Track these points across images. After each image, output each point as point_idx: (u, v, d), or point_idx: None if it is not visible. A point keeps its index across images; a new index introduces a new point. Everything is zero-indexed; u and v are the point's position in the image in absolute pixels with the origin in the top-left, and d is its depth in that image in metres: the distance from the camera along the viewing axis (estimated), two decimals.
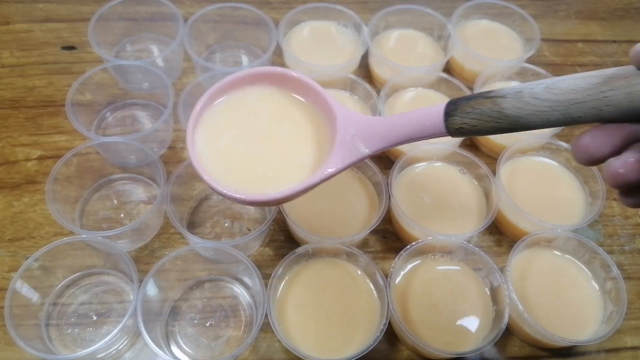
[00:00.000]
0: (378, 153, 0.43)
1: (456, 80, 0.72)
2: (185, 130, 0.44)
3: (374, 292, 0.57)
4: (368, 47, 0.75)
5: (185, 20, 0.74)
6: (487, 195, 0.65)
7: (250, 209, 0.66)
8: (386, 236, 0.65)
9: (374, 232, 0.64)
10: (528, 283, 0.59)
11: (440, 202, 0.65)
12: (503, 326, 0.52)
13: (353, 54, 0.78)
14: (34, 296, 0.55)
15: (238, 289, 0.59)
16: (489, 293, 0.58)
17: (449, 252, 0.60)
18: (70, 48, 0.79)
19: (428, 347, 0.51)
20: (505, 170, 0.67)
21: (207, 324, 0.57)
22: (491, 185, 0.63)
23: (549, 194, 0.67)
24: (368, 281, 0.58)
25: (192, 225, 0.64)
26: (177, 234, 0.63)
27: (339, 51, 0.78)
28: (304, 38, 0.79)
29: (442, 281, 0.59)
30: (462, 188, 0.66)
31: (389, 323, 0.55)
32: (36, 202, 0.64)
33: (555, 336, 0.53)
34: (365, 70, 0.81)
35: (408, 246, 0.57)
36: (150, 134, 0.64)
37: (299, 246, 0.57)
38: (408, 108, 0.63)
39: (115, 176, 0.67)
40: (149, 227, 0.62)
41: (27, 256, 0.55)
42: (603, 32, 0.91)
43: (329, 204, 0.63)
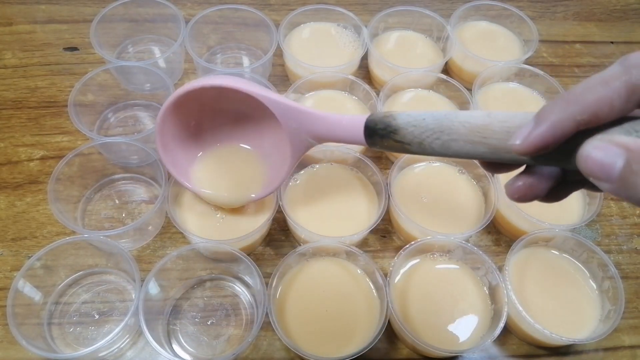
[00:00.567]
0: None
1: (455, 81, 0.72)
2: None
3: (374, 291, 0.57)
4: (368, 49, 0.76)
5: (186, 21, 0.74)
6: (486, 195, 0.65)
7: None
8: (385, 235, 0.66)
9: (374, 232, 0.64)
10: (526, 282, 0.59)
11: (439, 202, 0.65)
12: (501, 325, 0.53)
13: (353, 55, 0.78)
14: (37, 295, 0.55)
15: (239, 288, 0.60)
16: (488, 292, 0.58)
17: (448, 252, 0.60)
18: (72, 49, 0.80)
19: (427, 346, 0.51)
20: None
21: (208, 323, 0.57)
22: (489, 185, 0.64)
23: None
24: (367, 280, 0.58)
25: None
26: (179, 234, 0.63)
27: (339, 52, 0.79)
28: (304, 39, 0.80)
29: (441, 280, 0.59)
30: (461, 188, 0.67)
31: (388, 321, 0.55)
32: (38, 202, 0.65)
33: (553, 335, 0.53)
34: (364, 71, 0.81)
35: (407, 245, 0.57)
36: (151, 135, 0.64)
37: (299, 245, 0.57)
38: (407, 109, 0.64)
39: (117, 176, 0.67)
40: (151, 227, 0.62)
41: (30, 255, 0.55)
42: (601, 34, 0.91)
43: (329, 204, 0.63)
